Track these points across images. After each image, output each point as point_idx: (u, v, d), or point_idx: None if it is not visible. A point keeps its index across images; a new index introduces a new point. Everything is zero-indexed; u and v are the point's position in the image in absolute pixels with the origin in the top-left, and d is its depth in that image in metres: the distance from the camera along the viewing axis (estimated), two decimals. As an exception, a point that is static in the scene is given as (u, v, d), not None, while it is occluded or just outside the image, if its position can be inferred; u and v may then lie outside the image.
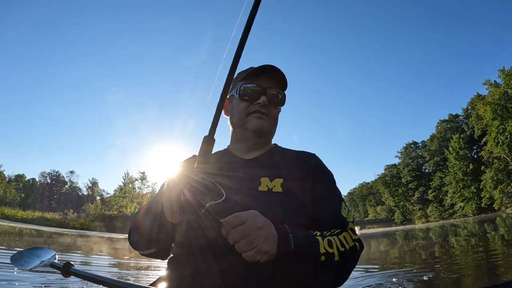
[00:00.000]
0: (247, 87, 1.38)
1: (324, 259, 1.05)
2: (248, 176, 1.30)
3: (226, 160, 1.43)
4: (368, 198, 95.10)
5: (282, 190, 1.24)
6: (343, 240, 1.14)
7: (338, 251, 1.09)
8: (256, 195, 1.23)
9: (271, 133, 1.45)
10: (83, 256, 9.70)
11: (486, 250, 9.07)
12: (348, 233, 1.19)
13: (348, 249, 1.13)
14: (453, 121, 65.96)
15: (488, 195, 50.32)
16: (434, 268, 6.57)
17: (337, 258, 1.08)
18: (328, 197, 1.30)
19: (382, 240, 23.18)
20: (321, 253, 1.05)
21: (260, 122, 1.36)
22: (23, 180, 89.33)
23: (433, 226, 41.46)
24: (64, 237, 19.53)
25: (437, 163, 66.45)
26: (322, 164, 1.41)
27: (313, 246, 1.06)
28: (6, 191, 75.00)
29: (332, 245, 1.09)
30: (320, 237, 1.10)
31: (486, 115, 50.40)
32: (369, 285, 5.33)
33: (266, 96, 1.36)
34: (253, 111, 1.37)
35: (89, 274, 1.31)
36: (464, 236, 16.13)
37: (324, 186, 1.32)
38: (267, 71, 1.37)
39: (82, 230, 36.05)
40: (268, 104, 1.37)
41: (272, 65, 1.36)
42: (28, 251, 1.78)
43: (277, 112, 1.45)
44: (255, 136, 1.39)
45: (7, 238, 14.41)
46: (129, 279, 5.60)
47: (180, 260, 1.19)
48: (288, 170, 1.31)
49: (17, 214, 39.94)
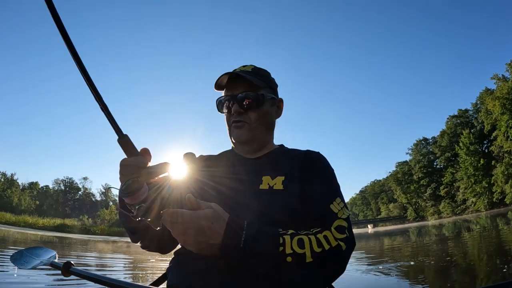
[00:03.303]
0: (220, 100, 1.39)
1: (291, 260, 0.98)
2: (250, 175, 1.29)
3: (230, 159, 1.42)
4: (380, 195, 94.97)
5: (283, 188, 1.22)
6: (322, 239, 1.04)
7: (311, 252, 1.00)
8: (257, 193, 1.22)
9: (256, 136, 1.38)
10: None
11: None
12: (331, 231, 1.07)
13: (328, 249, 1.02)
14: (463, 116, 65.52)
15: (499, 190, 49.97)
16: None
17: (310, 259, 0.99)
18: (320, 191, 1.23)
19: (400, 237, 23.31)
20: (286, 253, 0.98)
21: (237, 131, 1.35)
22: (37, 187, 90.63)
23: (446, 222, 41.39)
24: (109, 245, 20.14)
25: (448, 159, 66.10)
26: (322, 160, 1.36)
27: (272, 245, 0.99)
28: (20, 199, 76.06)
29: (304, 245, 1.00)
30: (289, 236, 1.02)
31: (495, 109, 50.22)
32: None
33: (237, 103, 1.33)
34: (232, 122, 1.36)
35: (89, 274, 1.33)
36: (477, 231, 16.51)
37: (319, 180, 1.27)
38: (230, 77, 1.35)
39: (106, 236, 36.42)
40: (243, 110, 1.33)
41: (234, 71, 1.35)
42: (28, 250, 1.77)
43: (261, 113, 1.36)
44: (240, 145, 1.40)
45: (57, 246, 14.93)
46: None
47: (181, 259, 1.19)
48: (290, 169, 1.29)
49: (39, 222, 40.40)
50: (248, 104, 1.33)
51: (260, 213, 1.13)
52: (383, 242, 20.32)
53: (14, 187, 78.40)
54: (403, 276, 6.62)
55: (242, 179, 1.28)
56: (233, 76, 1.34)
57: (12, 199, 72.83)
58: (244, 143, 1.37)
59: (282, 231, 1.04)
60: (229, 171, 1.34)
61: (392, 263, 8.66)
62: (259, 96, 1.35)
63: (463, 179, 58.37)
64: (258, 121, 1.36)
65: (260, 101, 1.35)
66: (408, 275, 6.71)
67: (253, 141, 1.38)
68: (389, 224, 75.71)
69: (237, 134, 1.35)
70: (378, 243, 20.23)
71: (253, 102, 1.34)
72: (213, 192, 1.24)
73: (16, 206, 68.28)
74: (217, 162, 1.42)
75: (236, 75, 1.33)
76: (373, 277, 6.69)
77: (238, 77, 1.33)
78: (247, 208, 1.14)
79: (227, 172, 1.33)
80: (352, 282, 6.05)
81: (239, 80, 1.34)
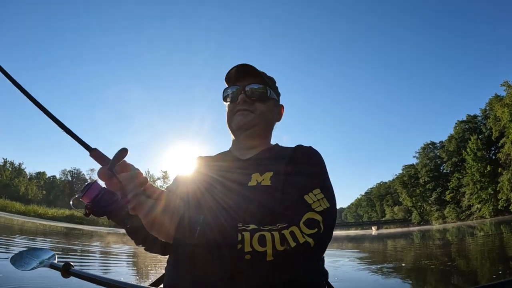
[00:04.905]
0: (227, 90, 1.42)
1: (250, 257, 0.93)
2: (241, 174, 1.27)
3: (225, 160, 1.43)
4: (385, 198, 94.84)
5: (271, 183, 1.18)
6: (287, 236, 0.97)
7: (273, 250, 0.94)
8: (243, 190, 1.19)
9: (257, 127, 1.40)
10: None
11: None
12: (299, 226, 1.00)
13: (294, 247, 0.95)
14: (471, 121, 65.13)
15: (505, 197, 49.76)
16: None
17: (271, 257, 0.93)
18: (299, 181, 1.16)
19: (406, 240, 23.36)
20: (245, 251, 0.93)
21: (242, 118, 1.36)
22: (44, 177, 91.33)
23: (450, 227, 41.33)
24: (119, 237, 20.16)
25: (455, 163, 65.92)
26: (310, 153, 1.32)
27: (228, 242, 0.95)
28: (27, 188, 76.46)
29: (265, 242, 0.95)
30: (249, 232, 0.97)
31: (503, 116, 50.16)
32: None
33: (245, 93, 1.36)
34: (236, 110, 1.38)
35: (89, 275, 1.32)
36: (481, 237, 16.55)
37: (301, 171, 1.21)
38: (240, 69, 1.38)
39: (116, 228, 36.21)
40: (250, 100, 1.37)
41: (244, 63, 1.38)
42: (27, 252, 1.77)
43: (265, 108, 1.40)
44: (241, 132, 1.39)
45: (83, 238, 15.15)
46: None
47: (177, 259, 1.17)
48: (279, 164, 1.25)
49: (48, 212, 40.49)
50: (256, 95, 1.38)
51: (245, 210, 1.11)
52: (386, 244, 20.45)
53: (21, 177, 78.71)
54: (403, 277, 6.82)
55: (233, 177, 1.28)
56: (243, 68, 1.38)
57: (19, 188, 73.30)
58: (244, 128, 1.37)
59: (242, 226, 0.99)
60: (222, 170, 1.34)
61: (393, 264, 8.89)
62: (267, 90, 1.40)
63: (469, 185, 58.20)
64: (262, 114, 1.39)
65: (266, 95, 1.40)
66: (408, 277, 6.91)
67: (253, 129, 1.38)
68: (393, 226, 75.95)
69: (240, 120, 1.36)
70: (381, 244, 20.38)
71: (261, 94, 1.39)
72: (205, 191, 1.25)
73: (23, 195, 68.44)
74: (213, 162, 1.45)
75: (245, 68, 1.38)
76: (374, 277, 6.90)
77: (247, 70, 1.39)
78: (235, 206, 1.12)
79: (219, 172, 1.34)
80: (352, 282, 6.18)
81: (248, 73, 1.39)
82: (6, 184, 69.34)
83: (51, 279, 4.47)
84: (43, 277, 4.54)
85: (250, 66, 1.37)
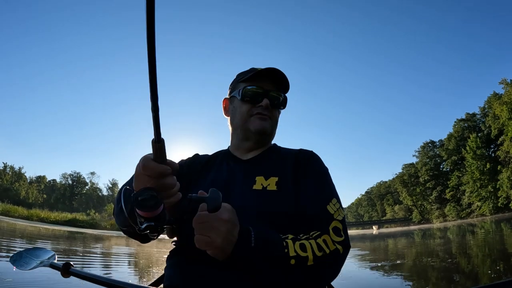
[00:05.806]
0: (249, 89, 1.37)
1: (295, 262, 0.99)
2: (244, 176, 1.28)
3: (225, 160, 1.42)
4: (386, 197, 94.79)
5: (277, 189, 1.21)
6: (321, 243, 1.05)
7: (313, 256, 1.01)
8: (250, 194, 1.21)
9: (272, 135, 1.44)
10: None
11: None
12: (329, 235, 1.08)
13: (329, 253, 1.04)
14: (470, 120, 65.24)
15: (504, 195, 49.85)
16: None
17: (311, 262, 1.00)
18: (316, 191, 1.21)
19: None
20: (290, 256, 0.99)
21: (262, 123, 1.36)
22: (44, 181, 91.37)
23: (450, 226, 41.22)
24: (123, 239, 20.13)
25: (455, 162, 65.93)
26: (316, 160, 1.36)
27: (280, 248, 1.00)
28: (28, 192, 76.57)
29: (306, 249, 1.01)
30: (291, 240, 1.03)
31: (502, 114, 50.23)
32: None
33: (268, 98, 1.36)
34: (255, 113, 1.36)
35: (89, 274, 1.32)
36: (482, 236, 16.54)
37: (313, 180, 1.25)
38: (270, 74, 1.36)
39: (117, 231, 35.74)
40: (270, 107, 1.37)
41: (275, 68, 1.35)
42: (27, 251, 1.76)
43: (278, 115, 1.44)
44: (257, 136, 1.38)
45: (92, 242, 15.07)
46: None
47: (177, 259, 1.18)
48: (284, 169, 1.28)
49: (50, 216, 39.71)
50: (277, 104, 1.40)
51: (255, 214, 1.14)
52: (387, 243, 20.45)
53: (22, 181, 78.70)
54: (404, 275, 6.86)
55: (235, 179, 1.29)
56: (273, 72, 1.36)
57: (19, 192, 73.15)
58: (264, 134, 1.38)
59: (284, 236, 1.06)
60: (223, 172, 1.35)
61: (393, 263, 8.95)
62: (285, 100, 1.43)
63: (469, 183, 58.23)
64: (276, 122, 1.43)
65: (284, 104, 1.43)
66: (409, 274, 6.96)
67: (269, 136, 1.42)
68: (394, 225, 75.67)
69: (262, 125, 1.36)
70: (382, 243, 20.40)
71: (281, 104, 1.41)
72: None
73: (23, 199, 68.10)
74: (212, 163, 1.44)
75: (274, 73, 1.37)
76: (374, 276, 6.97)
77: (276, 75, 1.37)
78: (243, 209, 1.08)
79: (221, 173, 1.34)
80: (352, 281, 6.18)
81: (276, 77, 1.38)
82: (7, 188, 69.15)
83: (51, 279, 4.49)
84: (43, 277, 4.54)
85: (279, 72, 1.36)
